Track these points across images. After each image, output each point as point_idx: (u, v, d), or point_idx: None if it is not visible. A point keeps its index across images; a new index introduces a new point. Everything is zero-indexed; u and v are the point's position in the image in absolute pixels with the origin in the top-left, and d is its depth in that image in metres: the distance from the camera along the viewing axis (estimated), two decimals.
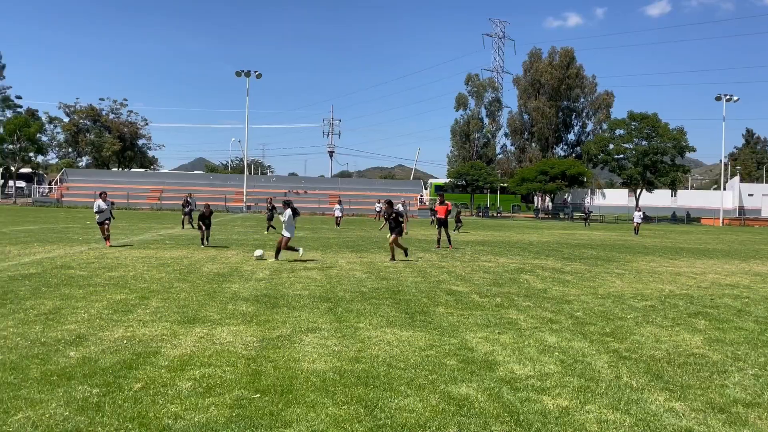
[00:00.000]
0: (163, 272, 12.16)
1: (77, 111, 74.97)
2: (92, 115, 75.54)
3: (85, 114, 75.26)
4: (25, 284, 10.07)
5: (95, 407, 4.39)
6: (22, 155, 64.56)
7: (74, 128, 74.43)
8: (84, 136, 74.77)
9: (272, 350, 6.20)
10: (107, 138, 73.92)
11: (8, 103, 72.52)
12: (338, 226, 33.24)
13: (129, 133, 76.98)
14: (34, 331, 6.78)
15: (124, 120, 78.03)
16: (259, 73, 59.04)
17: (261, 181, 67.40)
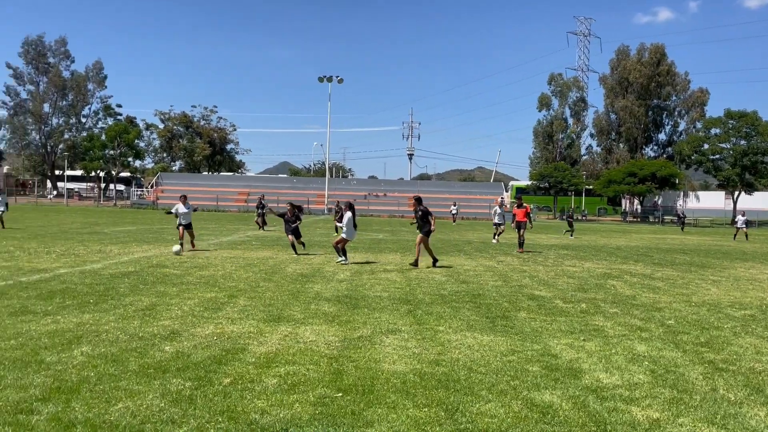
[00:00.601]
0: (249, 272, 12.62)
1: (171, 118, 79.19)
2: (185, 122, 79.53)
3: (179, 121, 79.35)
4: (125, 282, 10.73)
5: (188, 400, 4.62)
6: (122, 160, 68.84)
7: (168, 134, 78.67)
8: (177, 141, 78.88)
9: (353, 350, 6.30)
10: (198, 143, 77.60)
11: (109, 111, 77.70)
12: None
13: (218, 138, 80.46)
14: (133, 326, 7.21)
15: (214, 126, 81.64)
16: (341, 78, 60.17)
17: (342, 184, 68.58)
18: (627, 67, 77.66)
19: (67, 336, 6.56)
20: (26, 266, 12.35)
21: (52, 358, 5.63)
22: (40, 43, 74.25)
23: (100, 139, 68.62)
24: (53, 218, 34.00)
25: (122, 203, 64.28)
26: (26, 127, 75.72)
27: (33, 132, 76.30)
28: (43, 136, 76.15)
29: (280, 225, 18.44)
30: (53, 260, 13.59)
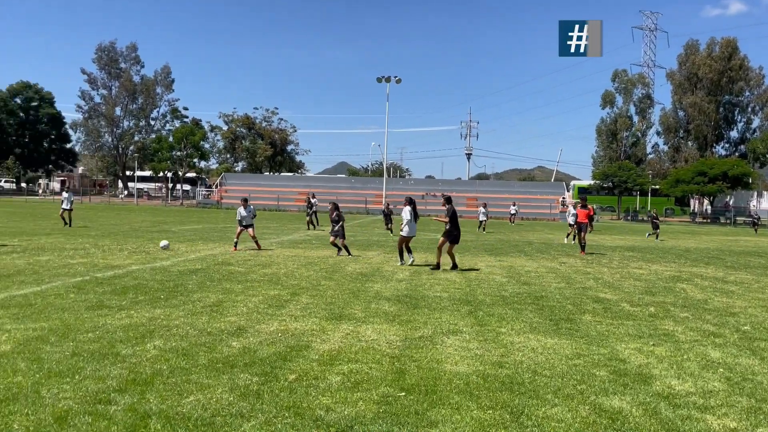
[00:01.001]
0: (310, 270, 12.81)
1: (234, 120, 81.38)
2: (247, 124, 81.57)
3: (241, 122, 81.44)
4: (192, 278, 11.09)
5: (255, 395, 4.73)
6: (188, 161, 71.21)
7: (232, 136, 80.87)
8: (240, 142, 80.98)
9: (415, 350, 6.30)
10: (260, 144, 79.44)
11: (176, 114, 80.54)
12: (484, 231, 30.87)
13: (279, 139, 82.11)
14: (201, 321, 7.45)
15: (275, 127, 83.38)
16: (399, 78, 60.25)
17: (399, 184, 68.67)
18: (696, 62, 74.43)
19: (140, 330, 6.84)
20: (101, 263, 12.95)
21: (127, 351, 5.89)
22: (112, 49, 77.74)
23: (167, 141, 71.26)
24: (124, 217, 35.52)
25: (188, 203, 66.47)
26: (99, 130, 79.41)
27: (106, 134, 79.94)
28: (115, 138, 79.67)
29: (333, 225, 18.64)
30: (125, 257, 14.19)
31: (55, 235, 19.86)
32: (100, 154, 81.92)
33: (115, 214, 38.57)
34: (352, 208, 58.30)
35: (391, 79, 60.22)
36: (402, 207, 14.84)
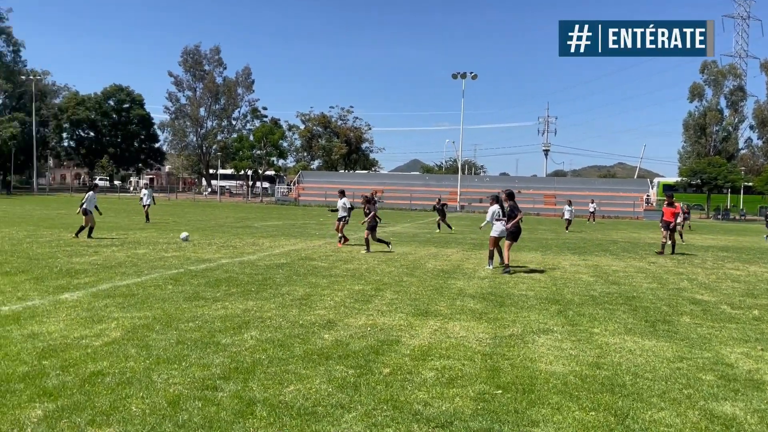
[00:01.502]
0: (391, 266, 12.89)
1: (311, 119, 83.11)
2: (323, 122, 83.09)
3: (318, 121, 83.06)
4: (279, 273, 11.40)
5: (353, 387, 4.81)
6: (267, 159, 73.33)
7: (308, 134, 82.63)
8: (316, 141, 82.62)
9: (506, 348, 6.21)
10: (336, 142, 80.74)
11: (256, 113, 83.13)
12: (567, 230, 29.18)
13: (354, 137, 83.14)
14: (292, 314, 7.65)
15: (350, 126, 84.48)
16: (475, 74, 59.59)
17: (474, 181, 68.01)
18: None
19: (236, 321, 7.10)
20: (193, 256, 13.54)
21: (226, 341, 6.12)
22: (197, 52, 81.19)
23: (248, 140, 73.68)
24: (209, 213, 36.99)
25: (267, 200, 68.44)
26: (185, 130, 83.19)
27: (191, 134, 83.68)
28: (199, 138, 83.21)
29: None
30: (214, 251, 14.78)
31: (148, 230, 20.94)
32: (185, 153, 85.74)
33: (200, 211, 40.21)
34: (427, 205, 58.21)
35: (466, 75, 59.66)
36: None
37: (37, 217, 26.42)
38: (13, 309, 7.35)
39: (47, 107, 78.61)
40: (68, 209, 34.09)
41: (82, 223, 17.12)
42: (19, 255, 12.56)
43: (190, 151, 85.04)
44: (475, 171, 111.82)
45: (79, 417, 4.01)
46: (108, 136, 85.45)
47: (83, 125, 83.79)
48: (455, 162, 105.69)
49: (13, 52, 74.92)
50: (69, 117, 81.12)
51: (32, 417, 3.98)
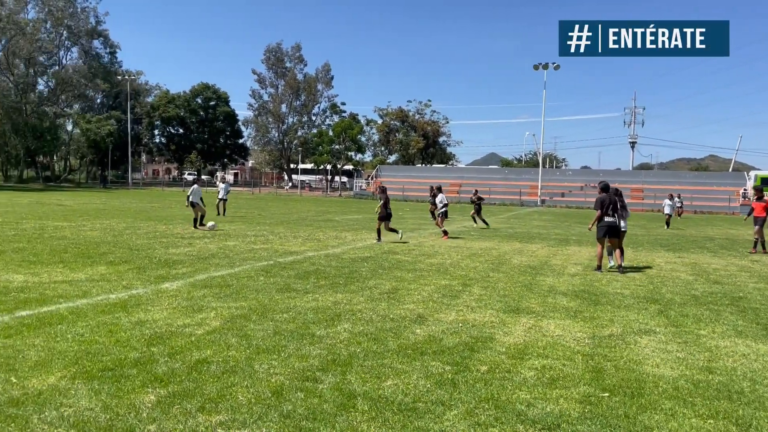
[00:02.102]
0: (476, 261, 12.71)
1: (389, 113, 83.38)
2: (401, 117, 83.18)
3: (395, 116, 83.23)
4: (365, 266, 11.48)
5: (451, 383, 4.74)
6: (346, 154, 74.33)
7: (386, 129, 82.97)
8: (394, 135, 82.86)
9: (607, 349, 5.95)
10: (413, 137, 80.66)
11: (335, 109, 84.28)
12: (667, 227, 27.00)
13: (432, 131, 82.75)
14: (381, 307, 7.66)
15: (428, 119, 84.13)
16: (557, 65, 57.88)
17: (556, 175, 66.15)
18: None
19: (328, 313, 7.18)
20: (280, 249, 13.87)
21: (321, 332, 6.20)
22: (279, 50, 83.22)
23: (328, 135, 74.92)
24: (291, 207, 37.90)
25: (346, 194, 69.40)
26: (267, 126, 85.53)
27: (273, 130, 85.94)
28: (281, 134, 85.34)
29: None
30: (300, 244, 15.08)
31: (236, 223, 21.67)
32: (267, 148, 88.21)
33: (282, 204, 41.28)
34: (506, 199, 57.26)
35: (548, 65, 58.04)
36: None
37: (133, 210, 27.93)
38: (120, 297, 7.76)
39: (140, 105, 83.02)
40: (161, 202, 35.88)
41: (194, 215, 18.00)
42: (120, 246, 13.29)
43: (272, 146, 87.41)
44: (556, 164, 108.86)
45: (189, 403, 4.15)
46: (196, 132, 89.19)
47: (173, 122, 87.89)
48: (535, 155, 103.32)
49: (110, 53, 79.63)
50: (160, 115, 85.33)
51: (146, 402, 4.16)
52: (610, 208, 11.88)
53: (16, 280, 8.70)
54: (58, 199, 35.04)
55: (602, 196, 12.04)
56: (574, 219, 32.75)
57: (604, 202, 11.91)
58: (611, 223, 11.89)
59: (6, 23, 64.60)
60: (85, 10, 74.08)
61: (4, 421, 3.78)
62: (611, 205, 11.90)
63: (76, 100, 78.12)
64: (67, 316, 6.54)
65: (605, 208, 11.85)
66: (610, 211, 11.85)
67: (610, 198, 11.99)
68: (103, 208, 28.39)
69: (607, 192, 12.08)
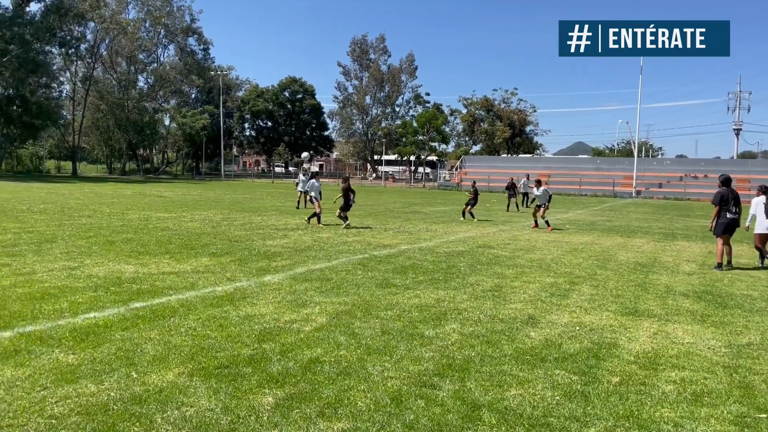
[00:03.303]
0: (578, 257, 12.07)
1: (473, 103, 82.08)
2: (486, 106, 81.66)
3: (480, 105, 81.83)
4: (461, 261, 11.14)
5: (581, 396, 4.35)
6: (430, 145, 73.88)
7: (471, 119, 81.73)
8: (478, 125, 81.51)
9: (750, 360, 5.34)
10: (498, 126, 79.01)
11: (419, 100, 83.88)
12: None
13: (518, 120, 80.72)
14: (487, 306, 7.31)
15: (514, 108, 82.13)
16: None
17: (652, 165, 62.76)
18: None
19: (432, 311, 6.92)
20: (373, 241, 13.76)
21: (430, 333, 5.95)
22: (364, 42, 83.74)
23: (412, 126, 74.69)
24: (376, 198, 37.98)
25: (429, 185, 69.03)
26: (352, 118, 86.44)
27: (357, 122, 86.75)
28: (365, 125, 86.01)
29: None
30: (392, 237, 14.92)
31: (325, 215, 21.85)
32: (352, 140, 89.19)
33: (367, 195, 41.49)
34: (597, 190, 54.90)
35: None
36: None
37: (227, 201, 28.85)
38: (226, 290, 7.84)
39: (232, 100, 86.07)
40: (252, 194, 36.94)
41: (315, 210, 18.24)
42: (220, 237, 13.62)
43: (356, 138, 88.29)
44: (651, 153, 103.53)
45: (308, 408, 4.01)
46: (283, 125, 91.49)
47: (262, 116, 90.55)
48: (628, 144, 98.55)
49: (203, 50, 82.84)
50: (250, 108, 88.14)
51: (265, 404, 4.06)
52: (732, 203, 11.01)
53: (127, 270, 9.01)
54: (158, 191, 36.82)
55: (723, 190, 11.26)
56: (674, 211, 30.89)
57: (725, 196, 11.12)
58: (732, 219, 11.04)
59: (109, 23, 68.59)
60: (181, 9, 77.42)
61: (128, 419, 3.77)
62: (733, 200, 11.07)
63: (172, 95, 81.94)
64: (178, 309, 6.64)
65: (727, 203, 11.02)
66: (732, 206, 10.99)
67: (731, 192, 11.18)
68: (199, 199, 29.51)
69: (728, 186, 11.29)
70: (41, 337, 5.39)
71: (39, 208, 19.83)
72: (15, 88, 60.28)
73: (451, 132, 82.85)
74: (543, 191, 19.01)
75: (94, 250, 10.98)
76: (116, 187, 41.41)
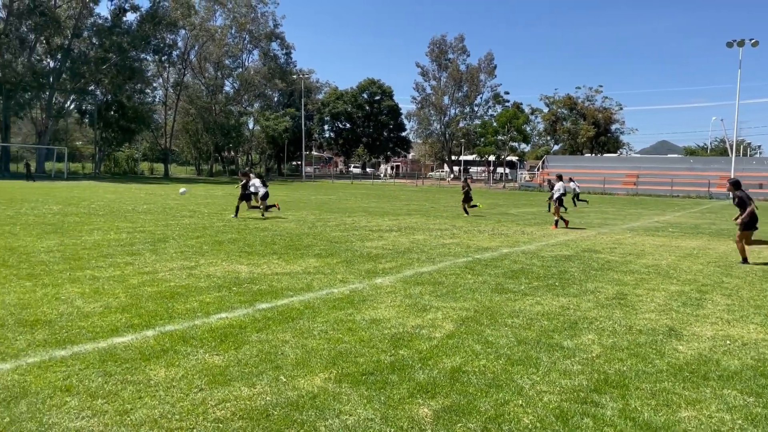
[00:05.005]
0: (697, 263, 11.34)
1: (555, 101, 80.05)
2: (569, 104, 79.47)
3: (563, 103, 79.70)
4: (572, 266, 10.69)
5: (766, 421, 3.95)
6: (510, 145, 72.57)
7: (552, 117, 79.74)
8: (561, 124, 79.37)
9: None
10: (582, 125, 76.64)
11: (498, 99, 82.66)
12: None
13: (603, 119, 78.02)
14: (617, 315, 6.92)
15: (599, 106, 79.44)
16: (755, 41, 51.29)
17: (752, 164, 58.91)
18: None
19: (560, 320, 6.61)
20: (471, 244, 13.49)
21: (568, 344, 5.65)
22: (443, 42, 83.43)
23: (492, 126, 73.68)
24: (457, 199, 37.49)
25: (509, 185, 67.79)
26: (429, 118, 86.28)
27: (435, 122, 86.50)
28: (442, 126, 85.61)
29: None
30: (488, 239, 14.59)
31: (413, 215, 21.75)
32: (429, 140, 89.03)
33: (450, 197, 41.12)
34: (691, 191, 52.07)
35: (744, 42, 51.67)
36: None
37: (314, 202, 29.32)
38: (342, 292, 7.82)
39: (312, 102, 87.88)
40: (335, 194, 37.43)
41: (256, 203, 19.11)
42: (320, 238, 13.75)
43: (434, 138, 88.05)
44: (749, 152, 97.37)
45: (470, 422, 3.83)
46: (362, 126, 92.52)
47: (341, 117, 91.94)
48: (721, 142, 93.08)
49: (286, 54, 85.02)
50: (330, 111, 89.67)
51: (423, 415, 3.92)
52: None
53: (242, 270, 9.19)
54: None
55: (742, 192, 12.04)
56: None
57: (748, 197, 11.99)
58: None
59: (199, 30, 71.57)
60: (265, 15, 79.83)
61: (291, 426, 3.73)
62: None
63: (256, 99, 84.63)
64: (303, 311, 6.65)
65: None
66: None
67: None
68: (287, 200, 30.14)
69: (739, 188, 12.15)
70: (183, 336, 5.50)
71: (143, 209, 20.81)
72: (113, 94, 63.98)
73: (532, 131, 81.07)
74: (558, 187, 19.11)
75: (205, 249, 11.31)
76: (207, 188, 43.04)
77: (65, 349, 5.06)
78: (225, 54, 76.95)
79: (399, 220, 19.41)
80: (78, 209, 19.79)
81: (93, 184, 44.11)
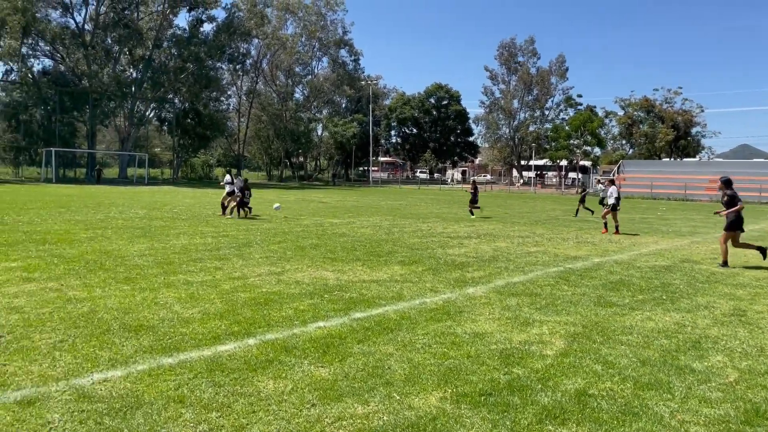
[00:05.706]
0: None
1: (632, 104, 77.08)
2: (646, 107, 76.32)
3: (639, 106, 76.63)
4: (674, 277, 10.00)
5: None
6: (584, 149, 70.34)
7: (628, 121, 76.80)
8: (637, 127, 76.34)
9: None
10: (660, 128, 73.44)
11: (570, 102, 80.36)
12: None
13: (683, 121, 74.50)
14: (742, 334, 6.33)
15: (678, 109, 75.93)
16: None
17: None
18: None
19: (680, 338, 6.08)
20: (559, 253, 12.91)
21: (698, 366, 5.15)
22: (512, 45, 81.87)
23: (564, 129, 71.64)
24: (530, 205, 36.61)
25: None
26: (498, 123, 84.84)
27: (503, 126, 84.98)
28: (512, 130, 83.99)
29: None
30: (575, 248, 13.95)
31: (490, 222, 21.21)
32: (498, 145, 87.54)
33: (522, 202, 40.16)
34: None
35: None
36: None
37: (385, 207, 29.20)
38: (435, 301, 7.54)
39: (379, 108, 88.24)
40: (405, 200, 37.21)
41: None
42: (399, 244, 13.52)
43: (502, 143, 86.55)
44: None
45: None
46: (429, 132, 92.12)
47: (408, 123, 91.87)
48: None
49: (354, 61, 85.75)
50: (397, 116, 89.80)
51: None
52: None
53: (329, 277, 9.06)
54: (317, 197, 38.32)
55: (732, 191, 11.77)
56: None
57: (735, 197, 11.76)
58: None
59: (271, 39, 73.26)
60: (334, 22, 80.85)
61: None
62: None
63: (325, 105, 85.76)
64: (400, 322, 6.40)
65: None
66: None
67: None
68: (358, 205, 30.17)
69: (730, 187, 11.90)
70: (285, 346, 5.36)
71: None
72: (190, 102, 66.32)
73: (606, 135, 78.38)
74: (611, 192, 18.48)
75: (288, 255, 11.29)
76: (279, 193, 43.77)
77: (171, 356, 5.00)
78: (295, 62, 78.43)
79: (475, 227, 18.95)
80: (162, 213, 20.40)
81: (172, 189, 45.73)
